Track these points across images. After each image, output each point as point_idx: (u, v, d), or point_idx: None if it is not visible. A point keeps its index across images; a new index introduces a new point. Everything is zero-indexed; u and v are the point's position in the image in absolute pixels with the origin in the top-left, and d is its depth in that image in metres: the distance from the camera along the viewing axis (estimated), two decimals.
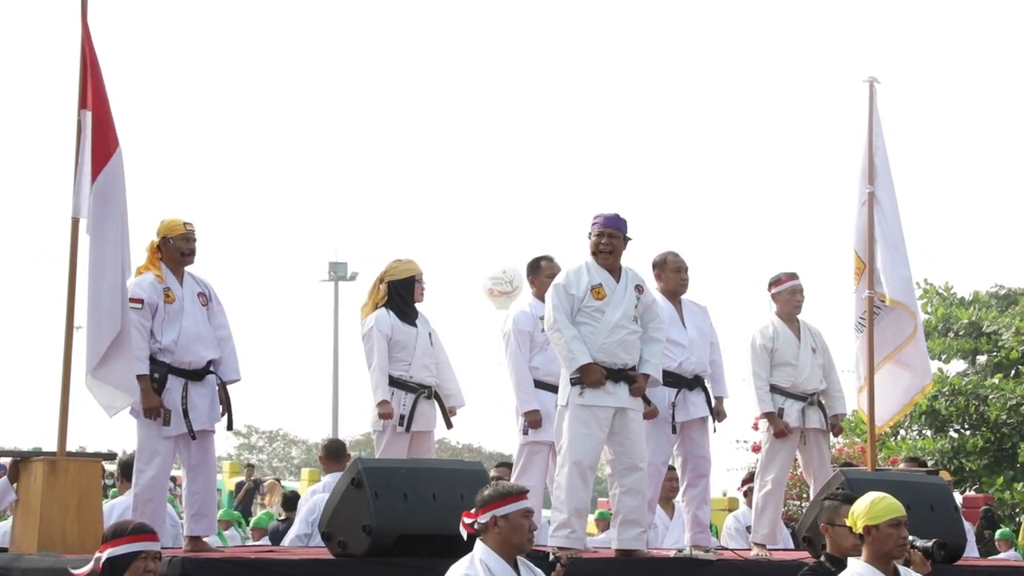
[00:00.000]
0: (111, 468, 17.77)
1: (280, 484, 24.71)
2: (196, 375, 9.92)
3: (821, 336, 11.19)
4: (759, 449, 12.03)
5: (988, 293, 28.98)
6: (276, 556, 9.29)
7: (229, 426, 10.18)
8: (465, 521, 7.19)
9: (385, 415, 10.57)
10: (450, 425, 10.92)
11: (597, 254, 9.87)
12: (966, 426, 26.61)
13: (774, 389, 10.94)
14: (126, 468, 10.90)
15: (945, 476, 14.83)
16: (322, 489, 11.75)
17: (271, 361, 75.39)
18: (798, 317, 11.15)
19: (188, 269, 10.09)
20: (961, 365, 28.07)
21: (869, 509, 7.09)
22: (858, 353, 11.95)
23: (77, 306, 9.77)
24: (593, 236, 9.90)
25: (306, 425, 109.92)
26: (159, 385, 9.79)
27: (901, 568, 7.19)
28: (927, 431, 26.71)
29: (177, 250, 10.02)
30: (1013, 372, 27.12)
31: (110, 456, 11.47)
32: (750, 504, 12.23)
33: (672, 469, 11.45)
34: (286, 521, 15.41)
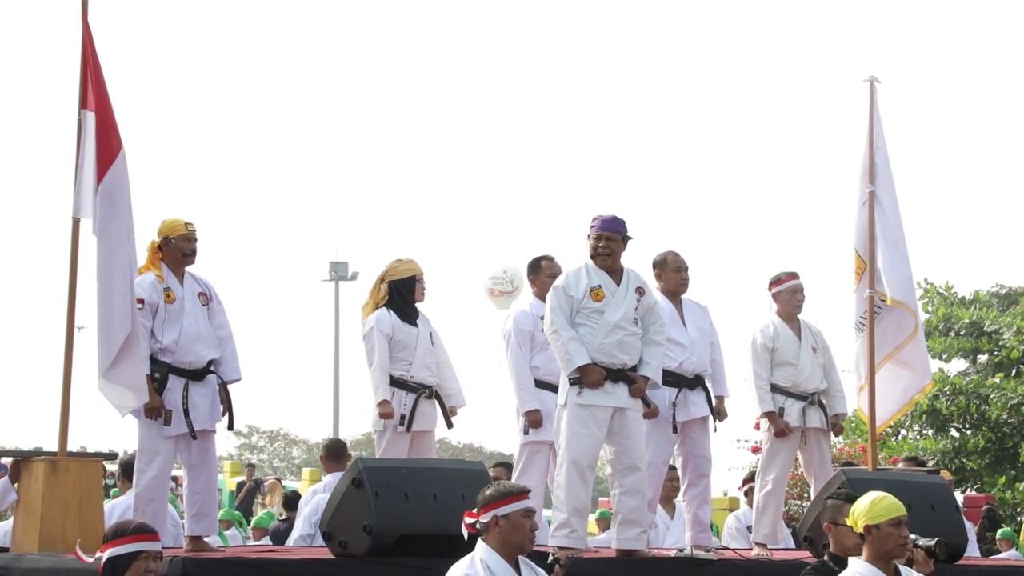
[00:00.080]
0: (112, 468, 17.77)
1: (281, 484, 24.69)
2: (197, 375, 9.92)
3: (822, 335, 11.18)
4: (759, 450, 12.03)
5: (989, 292, 29.00)
6: (277, 556, 9.30)
7: (230, 426, 10.18)
8: (466, 521, 7.19)
9: (386, 415, 10.57)
10: (451, 425, 10.93)
11: (595, 257, 9.88)
12: (967, 426, 26.62)
13: (775, 389, 10.93)
14: (127, 468, 10.90)
15: (946, 476, 14.82)
16: (323, 489, 11.74)
17: (272, 361, 75.45)
18: (799, 317, 11.14)
19: (189, 269, 10.09)
20: (962, 364, 28.09)
21: (870, 509, 7.09)
22: (858, 353, 11.94)
23: (78, 306, 9.78)
24: (591, 240, 9.90)
25: (307, 425, 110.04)
26: (160, 385, 9.78)
27: (902, 568, 7.19)
28: (928, 431, 26.72)
29: (179, 250, 10.02)
30: (1014, 371, 27.14)
31: (111, 456, 11.47)
32: (751, 504, 12.23)
33: (673, 469, 11.45)
34: (287, 521, 15.41)
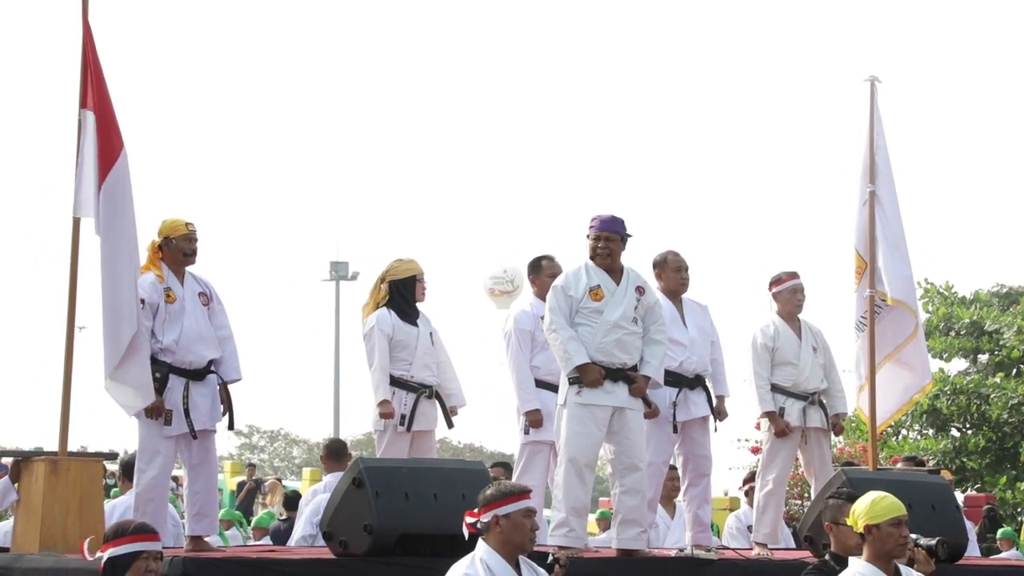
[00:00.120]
0: (112, 468, 17.78)
1: (281, 484, 24.69)
2: (197, 375, 9.92)
3: (822, 335, 11.18)
4: (759, 450, 12.03)
5: (989, 292, 29.00)
6: (277, 556, 9.30)
7: (230, 426, 10.18)
8: (467, 520, 7.19)
9: (386, 415, 10.58)
10: (451, 425, 10.93)
11: (594, 257, 9.88)
12: (967, 425, 26.62)
13: (775, 388, 10.93)
14: (127, 468, 10.90)
15: (946, 475, 14.82)
16: (323, 489, 11.74)
17: (272, 361, 75.42)
18: (799, 316, 11.14)
19: (189, 269, 10.08)
20: (962, 364, 28.09)
21: (870, 508, 7.09)
22: (859, 352, 11.95)
23: (79, 306, 9.78)
24: (590, 240, 9.90)
25: (307, 425, 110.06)
26: (160, 385, 9.77)
27: (902, 567, 7.19)
28: (929, 430, 26.72)
29: (179, 250, 10.01)
30: (1015, 371, 27.14)
31: (111, 456, 11.47)
32: (751, 503, 12.23)
33: (673, 468, 11.45)
34: (287, 521, 15.40)
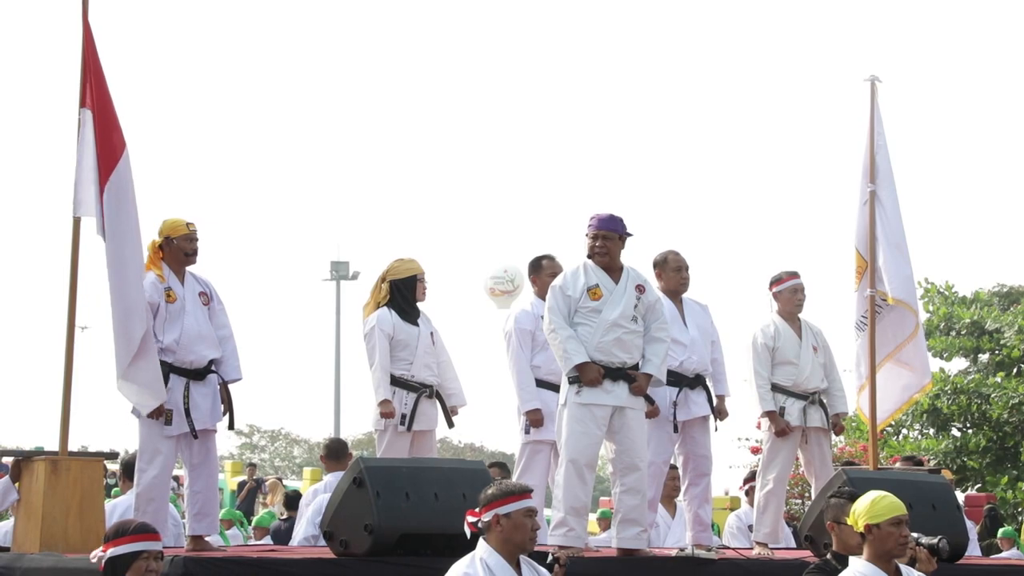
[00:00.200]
0: (113, 467, 17.81)
1: (282, 483, 24.71)
2: (198, 374, 9.92)
3: (822, 335, 11.18)
4: (759, 450, 12.02)
5: (990, 292, 29.00)
6: (278, 555, 9.29)
7: (230, 425, 10.18)
8: (469, 520, 7.19)
9: (387, 414, 10.58)
10: (451, 424, 10.93)
11: (592, 256, 9.88)
12: (968, 425, 26.62)
13: (775, 388, 10.93)
14: (128, 467, 10.90)
15: (947, 475, 14.82)
16: (324, 489, 11.75)
17: (273, 360, 75.48)
18: (799, 316, 11.14)
19: (189, 269, 10.08)
20: (963, 364, 28.09)
21: (870, 508, 7.09)
22: (859, 352, 11.95)
23: (79, 306, 9.78)
24: (588, 239, 9.90)
25: (308, 424, 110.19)
26: None
27: (903, 567, 7.19)
28: (929, 430, 26.72)
29: (180, 250, 10.01)
30: (1015, 371, 27.14)
31: (112, 455, 11.48)
32: (752, 503, 12.24)
33: (674, 468, 11.45)
34: (288, 520, 15.41)
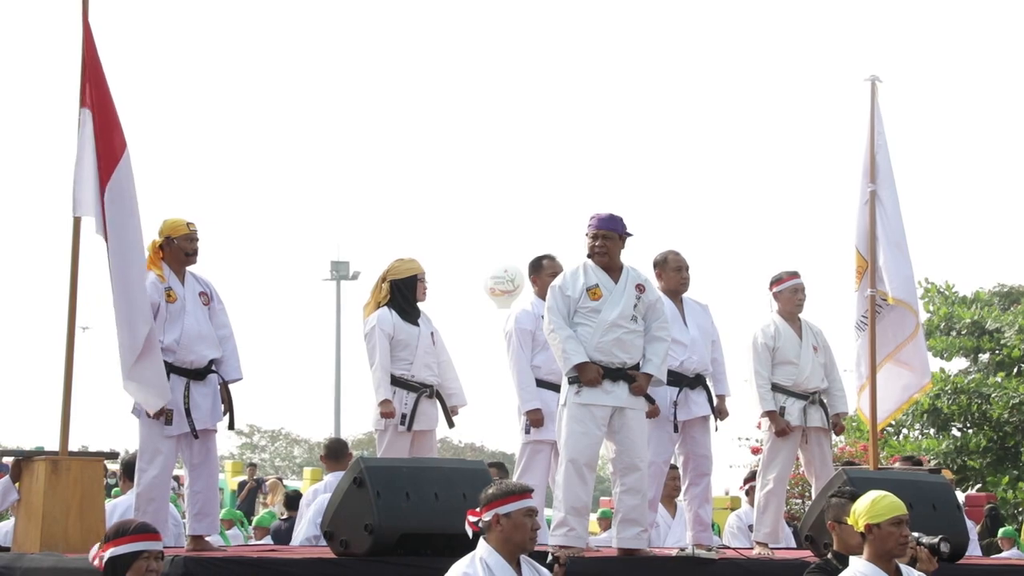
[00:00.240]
0: (113, 467, 17.80)
1: (282, 483, 24.71)
2: (198, 374, 9.92)
3: (822, 335, 11.18)
4: (759, 451, 12.02)
5: (990, 291, 28.99)
6: (278, 555, 9.29)
7: (231, 425, 10.18)
8: (470, 519, 7.20)
9: (387, 414, 10.58)
10: (452, 424, 10.93)
11: (592, 256, 9.88)
12: (968, 425, 26.61)
13: (775, 388, 10.93)
14: (128, 467, 10.90)
15: (947, 475, 14.82)
16: (324, 489, 11.75)
17: (273, 360, 75.50)
18: (799, 316, 11.14)
19: (189, 268, 10.09)
20: (963, 363, 28.08)
21: (871, 508, 7.09)
22: (859, 352, 11.95)
23: (80, 306, 9.79)
24: (588, 238, 9.90)
25: (308, 424, 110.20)
26: None
27: (903, 567, 7.19)
28: (930, 430, 26.71)
29: (181, 250, 10.01)
30: (1016, 370, 27.13)
31: (112, 455, 11.48)
32: (752, 503, 12.24)
33: (674, 468, 11.45)
34: (288, 520, 15.41)
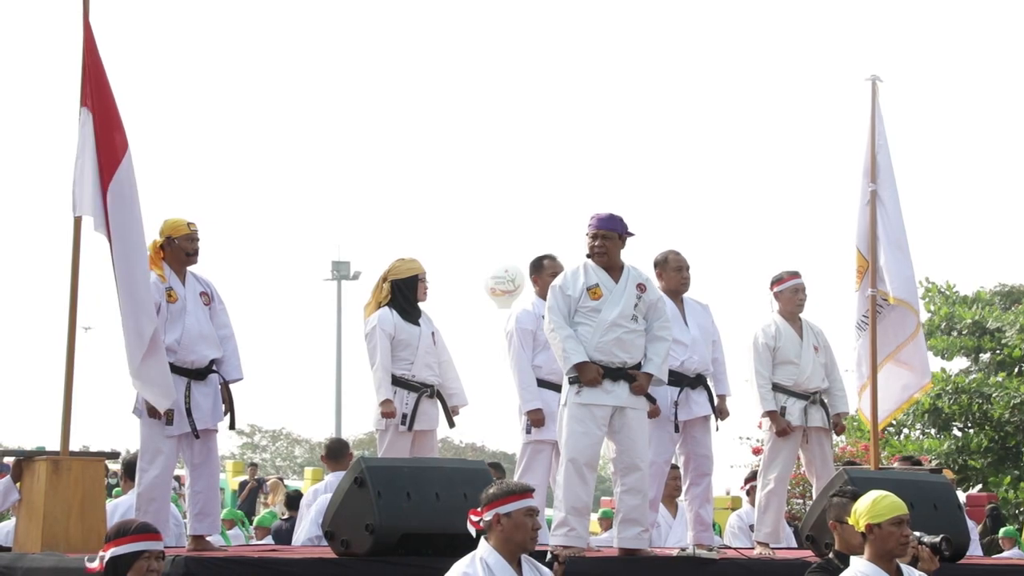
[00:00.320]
0: (114, 467, 17.79)
1: (283, 483, 24.72)
2: (199, 374, 9.93)
3: (823, 335, 11.18)
4: (760, 451, 12.02)
5: (991, 291, 28.98)
6: (279, 555, 9.30)
7: (231, 425, 10.19)
8: (472, 519, 7.20)
9: (388, 414, 10.58)
10: (452, 424, 10.94)
11: (592, 256, 9.88)
12: (969, 425, 26.61)
13: (776, 388, 10.93)
14: (129, 467, 10.91)
15: (948, 475, 14.83)
16: (324, 489, 11.75)
17: (274, 360, 75.52)
18: (800, 316, 11.14)
19: (190, 268, 10.09)
20: (964, 363, 28.07)
21: (871, 507, 7.09)
22: (860, 352, 11.95)
23: (80, 306, 9.79)
24: (588, 238, 9.91)
25: (309, 424, 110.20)
26: None
27: (904, 566, 7.19)
28: (931, 430, 26.71)
29: (182, 250, 10.01)
30: (1017, 370, 27.12)
31: (113, 455, 11.48)
32: (753, 503, 12.24)
33: (675, 468, 11.45)
34: (289, 520, 15.41)
